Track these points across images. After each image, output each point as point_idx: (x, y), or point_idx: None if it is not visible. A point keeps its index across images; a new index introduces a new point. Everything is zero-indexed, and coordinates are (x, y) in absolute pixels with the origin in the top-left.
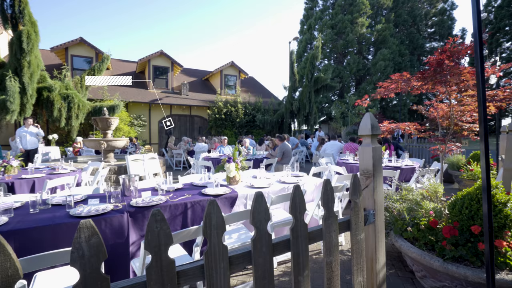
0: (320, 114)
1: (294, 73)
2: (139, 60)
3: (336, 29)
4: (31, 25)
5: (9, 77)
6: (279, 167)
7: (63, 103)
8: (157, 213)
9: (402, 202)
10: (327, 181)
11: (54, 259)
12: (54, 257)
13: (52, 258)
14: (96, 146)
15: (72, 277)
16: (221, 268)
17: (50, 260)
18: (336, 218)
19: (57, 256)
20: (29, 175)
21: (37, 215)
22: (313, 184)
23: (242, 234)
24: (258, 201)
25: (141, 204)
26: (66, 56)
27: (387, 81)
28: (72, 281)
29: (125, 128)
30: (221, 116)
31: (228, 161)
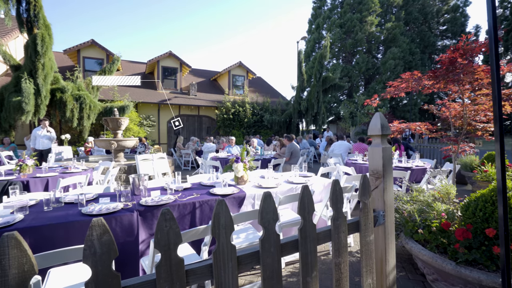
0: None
1: (302, 72)
2: (148, 61)
3: (344, 28)
4: (45, 28)
5: (24, 79)
6: (287, 167)
7: (75, 104)
8: (167, 212)
9: (412, 203)
10: (336, 181)
11: (67, 256)
12: (67, 254)
13: (65, 254)
14: (107, 146)
15: (84, 274)
16: (229, 268)
17: (63, 257)
18: (345, 219)
19: (70, 253)
20: (43, 174)
21: (50, 213)
22: (321, 184)
23: (250, 234)
24: (266, 201)
25: (150, 203)
26: (78, 58)
27: (397, 80)
28: (84, 277)
29: (135, 128)
30: (229, 116)
31: (236, 161)
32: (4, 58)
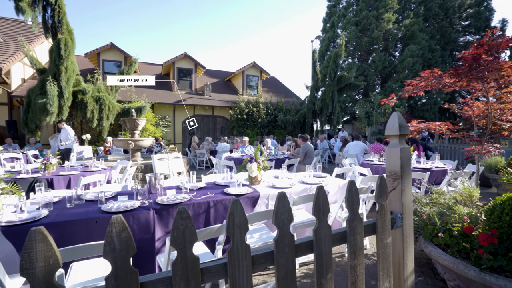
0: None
1: (316, 72)
2: (164, 63)
3: (360, 26)
4: (68, 33)
5: (49, 82)
6: (301, 168)
7: (95, 105)
8: (183, 211)
9: (432, 206)
10: (352, 182)
11: (88, 251)
12: (88, 249)
13: (86, 250)
14: (125, 146)
15: (104, 268)
16: (244, 267)
17: (85, 252)
18: (361, 221)
19: (91, 248)
20: (66, 172)
21: (72, 210)
22: (336, 185)
23: (264, 234)
24: (281, 201)
25: (166, 201)
26: (98, 61)
27: (416, 78)
28: (104, 272)
29: (151, 128)
30: (243, 116)
31: (250, 161)
32: (31, 62)
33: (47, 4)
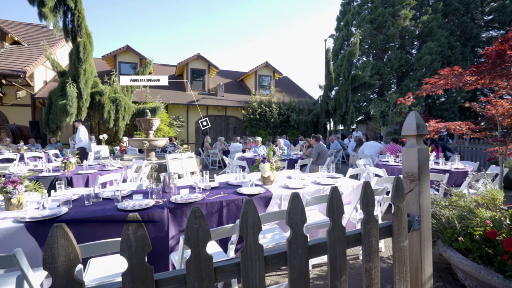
0: (357, 113)
1: (330, 71)
2: (178, 64)
3: (375, 24)
4: (87, 36)
5: (69, 84)
6: (314, 168)
7: (111, 105)
8: (197, 210)
9: (451, 208)
10: (367, 183)
11: (106, 248)
12: (105, 246)
13: (104, 246)
14: (140, 145)
15: (120, 265)
16: (257, 267)
17: (102, 248)
18: (376, 223)
19: (108, 245)
20: (84, 171)
21: (90, 207)
22: (350, 186)
23: (276, 234)
24: (294, 201)
25: (180, 200)
26: (115, 63)
27: (435, 76)
28: (120, 268)
29: (165, 128)
30: (256, 117)
31: (263, 161)
32: (52, 65)
33: (68, 9)
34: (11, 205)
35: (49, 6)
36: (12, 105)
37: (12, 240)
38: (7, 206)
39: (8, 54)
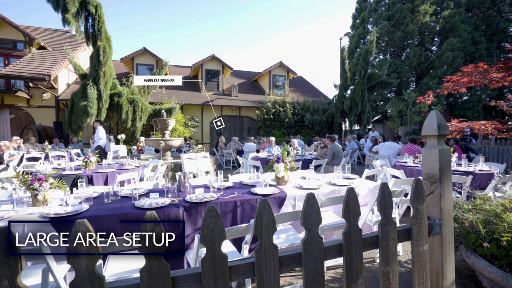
0: (374, 113)
1: (345, 70)
2: (193, 65)
3: (393, 21)
4: (106, 40)
5: (89, 86)
6: (329, 169)
7: (129, 106)
8: (212, 209)
9: (475, 212)
10: (385, 184)
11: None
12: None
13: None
14: (156, 145)
15: (138, 261)
16: (271, 268)
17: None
18: (394, 225)
19: None
20: (104, 170)
21: (109, 205)
22: (366, 187)
23: (291, 235)
24: (309, 202)
25: (194, 200)
26: (132, 65)
27: (457, 74)
28: (137, 264)
29: (180, 128)
30: (270, 117)
31: (277, 161)
32: (74, 68)
33: (89, 15)
34: (37, 201)
35: (72, 12)
36: (38, 107)
37: None
38: (33, 202)
39: (35, 59)
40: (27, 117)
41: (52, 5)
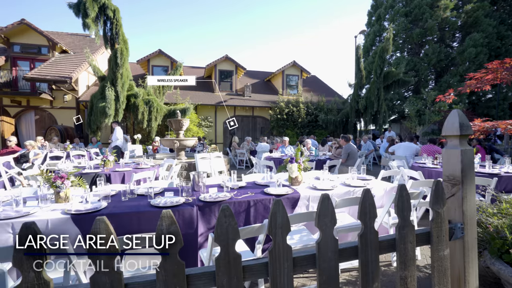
0: (390, 112)
1: (360, 69)
2: (207, 66)
3: (411, 17)
4: (124, 43)
5: (107, 87)
6: (343, 169)
7: (145, 107)
8: (226, 208)
9: (501, 217)
10: (403, 186)
11: None
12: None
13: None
14: (171, 145)
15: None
16: (285, 268)
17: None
18: (413, 228)
19: None
20: (121, 169)
21: (126, 203)
22: (382, 188)
23: (304, 236)
24: (324, 203)
25: (208, 199)
26: (148, 66)
27: (481, 71)
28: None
29: (194, 128)
30: (283, 117)
31: (291, 161)
32: (94, 71)
33: (107, 19)
34: (59, 198)
35: (92, 17)
36: (60, 108)
37: (60, 229)
38: (56, 199)
39: (57, 62)
40: (50, 118)
41: (74, 11)
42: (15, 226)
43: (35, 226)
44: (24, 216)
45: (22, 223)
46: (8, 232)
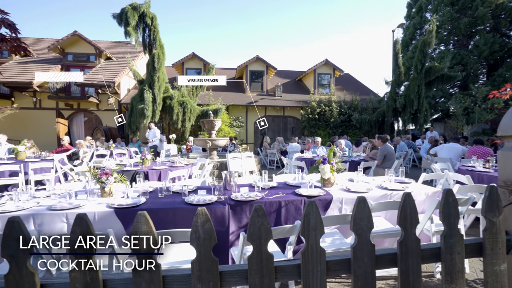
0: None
1: (398, 65)
2: (238, 67)
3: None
4: (160, 48)
5: (146, 90)
6: (379, 171)
7: (179, 108)
8: (259, 208)
9: None
10: (449, 191)
11: (176, 236)
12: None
13: (175, 235)
14: (203, 145)
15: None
16: (318, 271)
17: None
18: (461, 238)
19: (179, 234)
20: (157, 167)
21: (162, 199)
22: (424, 193)
23: (337, 239)
24: (360, 206)
25: (240, 198)
26: (182, 69)
27: None
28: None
29: (226, 128)
30: (314, 116)
31: (323, 162)
32: (134, 75)
33: (146, 26)
34: (104, 193)
35: (132, 25)
36: (105, 110)
37: (105, 222)
38: (101, 193)
39: (103, 68)
40: (97, 119)
41: (117, 20)
42: (69, 217)
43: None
44: (76, 208)
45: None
46: (63, 222)
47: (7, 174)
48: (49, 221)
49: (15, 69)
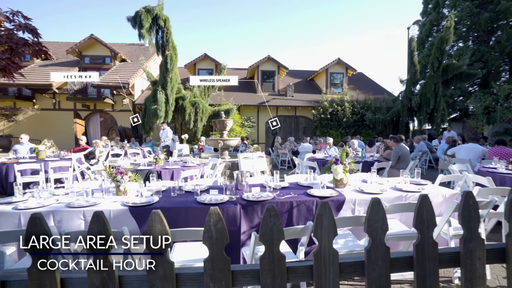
0: (450, 110)
1: (414, 63)
2: (249, 67)
3: (478, 0)
4: (173, 49)
5: (159, 91)
6: (393, 172)
7: (192, 108)
8: (272, 209)
9: None
10: (469, 193)
11: (188, 235)
12: (188, 233)
13: (187, 233)
14: (215, 145)
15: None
16: (331, 273)
17: (186, 235)
18: (482, 242)
19: (191, 233)
20: (170, 166)
21: (175, 198)
22: (441, 195)
23: (349, 241)
24: (375, 207)
25: (251, 198)
26: (194, 70)
27: None
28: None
29: (237, 129)
30: (327, 116)
31: (336, 162)
32: (147, 76)
33: (159, 28)
34: (119, 191)
35: (146, 27)
36: (120, 111)
37: (120, 219)
38: (116, 192)
39: (118, 70)
40: (112, 120)
41: (131, 23)
42: (86, 214)
43: (103, 216)
44: (92, 205)
45: (92, 212)
46: (80, 219)
47: (29, 172)
48: (68, 218)
49: (36, 72)
